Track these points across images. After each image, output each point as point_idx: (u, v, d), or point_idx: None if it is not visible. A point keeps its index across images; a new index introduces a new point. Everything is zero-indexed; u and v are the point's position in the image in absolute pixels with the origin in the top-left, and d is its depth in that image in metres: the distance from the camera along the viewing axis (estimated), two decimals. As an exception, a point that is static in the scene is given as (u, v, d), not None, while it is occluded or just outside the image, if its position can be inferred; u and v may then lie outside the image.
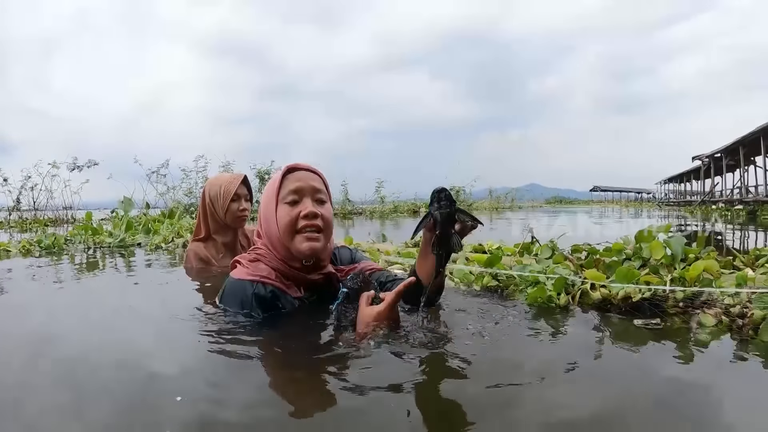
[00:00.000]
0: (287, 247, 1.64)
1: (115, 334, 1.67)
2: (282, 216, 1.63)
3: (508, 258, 2.37)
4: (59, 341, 1.60)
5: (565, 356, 1.30)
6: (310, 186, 1.67)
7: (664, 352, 1.33)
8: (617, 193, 58.35)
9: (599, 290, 1.78)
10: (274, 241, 1.66)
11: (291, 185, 1.65)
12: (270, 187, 1.70)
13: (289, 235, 1.62)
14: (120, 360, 1.37)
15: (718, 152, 25.04)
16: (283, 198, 1.65)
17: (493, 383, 1.12)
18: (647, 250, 2.12)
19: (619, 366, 1.24)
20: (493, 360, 1.28)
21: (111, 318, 1.91)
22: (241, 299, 1.61)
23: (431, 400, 1.05)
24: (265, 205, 1.70)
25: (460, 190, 19.43)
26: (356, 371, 1.18)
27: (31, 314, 1.97)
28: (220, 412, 1.00)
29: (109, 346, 1.53)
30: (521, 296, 1.91)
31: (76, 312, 2.03)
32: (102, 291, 2.47)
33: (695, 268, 1.77)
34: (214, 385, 1.15)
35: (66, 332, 1.73)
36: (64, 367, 1.33)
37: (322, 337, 1.46)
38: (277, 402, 1.08)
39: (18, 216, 12.55)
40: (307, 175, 1.70)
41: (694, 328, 1.51)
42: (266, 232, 1.69)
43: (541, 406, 1.02)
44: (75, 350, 1.50)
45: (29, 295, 2.36)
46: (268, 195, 1.70)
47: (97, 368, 1.31)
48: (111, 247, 4.69)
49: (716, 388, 1.10)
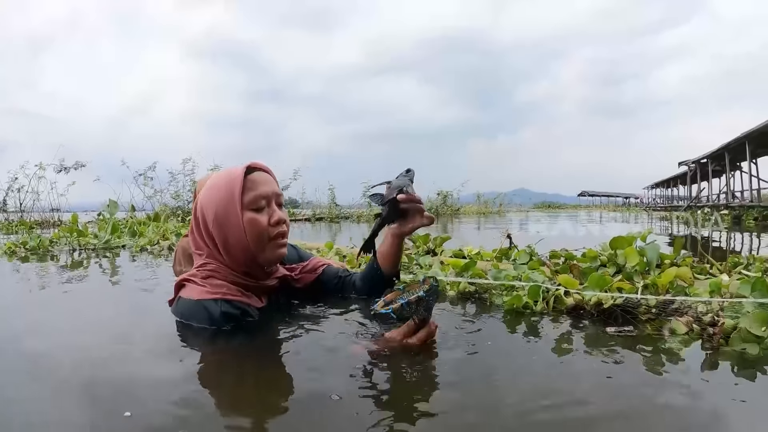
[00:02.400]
0: (254, 256, 1.54)
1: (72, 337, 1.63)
2: (252, 224, 1.51)
3: (486, 263, 2.36)
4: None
5: (531, 362, 1.30)
6: (274, 190, 1.58)
7: (635, 359, 1.32)
8: (605, 198, 58.69)
9: (572, 296, 1.77)
10: (235, 251, 1.54)
11: (257, 189, 1.54)
12: (225, 190, 1.53)
13: (260, 244, 1.53)
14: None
15: (704, 158, 25.24)
16: (249, 204, 1.52)
17: (456, 388, 1.12)
18: (622, 257, 2.12)
19: (586, 373, 1.23)
20: (461, 365, 1.27)
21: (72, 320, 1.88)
22: (209, 321, 1.48)
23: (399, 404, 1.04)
24: (222, 213, 1.52)
25: (448, 195, 19.46)
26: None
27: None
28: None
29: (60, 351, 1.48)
30: (498, 300, 1.91)
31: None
32: (73, 292, 2.43)
33: (667, 275, 1.77)
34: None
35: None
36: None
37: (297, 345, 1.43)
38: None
39: (4, 218, 12.44)
40: (268, 177, 1.61)
41: (666, 336, 1.50)
42: (222, 242, 1.54)
43: (504, 411, 1.01)
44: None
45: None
46: (224, 200, 1.52)
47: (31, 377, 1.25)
48: (96, 249, 4.70)
49: (685, 397, 1.09)
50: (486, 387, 1.15)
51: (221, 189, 1.53)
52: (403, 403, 1.05)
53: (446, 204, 19.14)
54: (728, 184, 22.95)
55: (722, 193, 24.89)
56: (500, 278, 1.99)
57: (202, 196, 1.57)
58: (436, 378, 1.19)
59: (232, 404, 1.08)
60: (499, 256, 2.56)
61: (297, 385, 1.16)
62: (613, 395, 1.10)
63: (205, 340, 1.45)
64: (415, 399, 1.07)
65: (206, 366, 1.28)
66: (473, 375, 1.22)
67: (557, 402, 1.06)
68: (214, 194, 1.54)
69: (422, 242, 3.27)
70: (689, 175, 29.69)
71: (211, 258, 1.57)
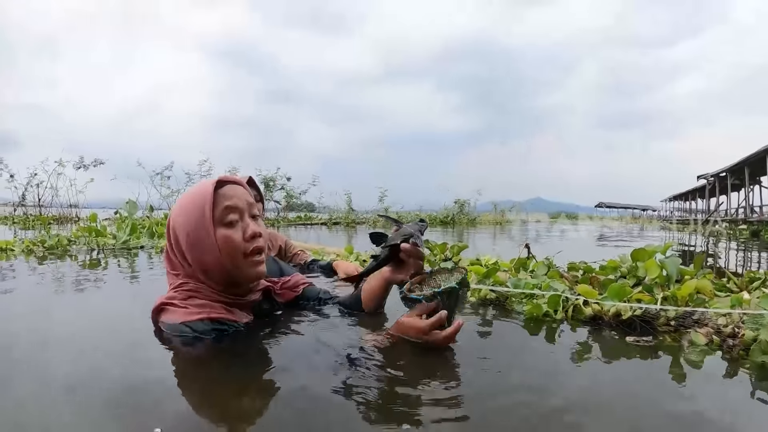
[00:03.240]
0: (231, 274, 1.48)
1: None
2: (225, 241, 1.44)
3: (504, 273, 2.38)
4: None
5: (550, 370, 1.32)
6: (246, 202, 1.51)
7: (654, 368, 1.34)
8: (622, 210, 58.04)
9: (591, 306, 1.79)
10: (213, 271, 1.47)
11: (226, 203, 1.46)
12: (195, 208, 1.46)
13: (236, 261, 1.46)
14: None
15: (723, 171, 24.97)
16: (220, 219, 1.46)
17: (480, 393, 1.14)
18: (643, 269, 2.13)
19: (603, 380, 1.25)
20: (482, 371, 1.29)
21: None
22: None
23: (422, 407, 1.06)
24: (193, 229, 1.45)
25: (465, 203, 19.41)
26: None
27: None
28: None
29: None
30: (518, 307, 1.94)
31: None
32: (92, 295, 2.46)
33: (687, 287, 1.79)
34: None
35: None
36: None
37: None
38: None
39: (23, 212, 12.65)
40: (240, 189, 1.53)
41: (685, 347, 1.52)
42: (197, 260, 1.47)
43: (527, 419, 1.03)
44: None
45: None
46: (194, 216, 1.45)
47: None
48: (114, 249, 4.71)
49: (706, 407, 1.11)
50: (503, 393, 1.16)
51: (192, 208, 1.46)
52: (413, 409, 1.06)
53: (463, 213, 19.09)
54: (747, 198, 22.68)
55: (741, 207, 24.58)
56: (520, 286, 2.02)
57: (174, 216, 1.51)
58: (452, 382, 1.20)
59: (226, 414, 1.09)
60: (517, 267, 2.58)
61: (301, 393, 1.15)
62: (633, 405, 1.12)
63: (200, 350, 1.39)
64: (429, 404, 1.08)
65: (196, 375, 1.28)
66: (490, 381, 1.23)
67: (575, 409, 1.07)
68: (184, 214, 1.48)
69: (440, 250, 3.30)
70: (708, 188, 29.38)
71: (188, 278, 1.51)
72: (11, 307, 2.10)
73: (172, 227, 1.51)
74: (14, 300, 2.22)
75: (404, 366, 1.28)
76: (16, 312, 2.01)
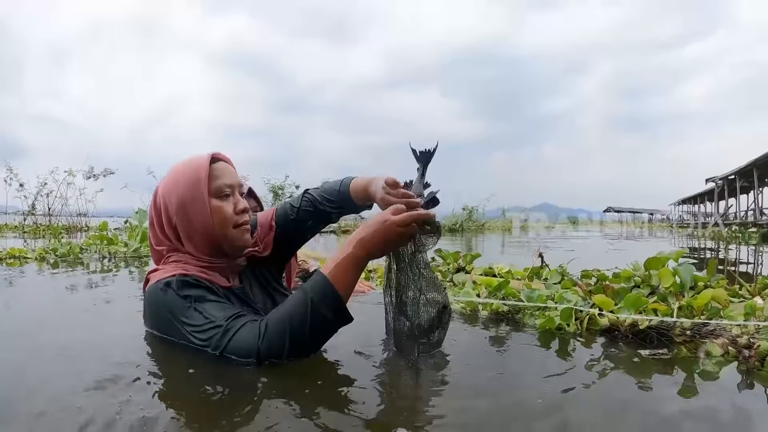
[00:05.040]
0: (219, 244, 1.52)
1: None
2: (218, 211, 1.49)
3: (518, 282, 2.38)
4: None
5: (567, 384, 1.30)
6: (237, 180, 1.57)
7: (671, 381, 1.34)
8: (630, 214, 57.83)
9: (607, 317, 1.79)
10: (199, 239, 1.51)
11: (223, 179, 1.52)
12: (190, 176, 1.50)
13: (224, 230, 1.50)
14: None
15: (731, 174, 24.87)
16: (216, 192, 1.50)
17: (493, 407, 1.14)
18: (656, 278, 2.13)
19: (622, 395, 1.24)
20: (495, 386, 1.30)
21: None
22: (164, 302, 1.41)
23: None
24: (188, 198, 1.48)
25: (474, 210, 19.41)
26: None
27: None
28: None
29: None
30: (530, 321, 1.93)
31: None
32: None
33: (703, 297, 1.78)
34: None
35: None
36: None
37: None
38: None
39: (33, 221, 12.76)
40: (231, 168, 1.58)
41: (701, 358, 1.51)
42: (186, 229, 1.51)
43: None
44: None
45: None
46: (189, 186, 1.49)
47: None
48: (126, 257, 4.80)
49: (723, 421, 1.11)
50: (516, 408, 1.15)
51: (185, 175, 1.50)
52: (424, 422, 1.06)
53: (471, 219, 19.09)
54: (756, 200, 22.57)
55: (750, 209, 24.46)
56: (533, 298, 2.01)
57: (164, 185, 1.54)
58: (458, 397, 1.20)
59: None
60: (530, 275, 2.58)
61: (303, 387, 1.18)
62: (652, 423, 1.11)
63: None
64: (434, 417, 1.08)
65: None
66: (502, 400, 1.21)
67: (591, 425, 1.08)
68: (177, 181, 1.51)
69: (453, 259, 3.29)
70: (716, 191, 29.26)
71: (172, 251, 1.54)
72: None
73: (160, 195, 1.53)
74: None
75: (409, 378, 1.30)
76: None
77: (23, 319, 2.12)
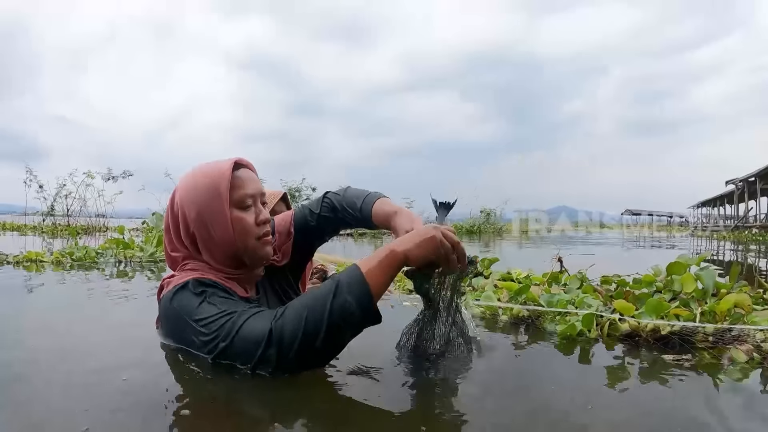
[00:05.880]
0: (238, 254, 1.45)
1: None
2: (239, 223, 1.43)
3: (537, 287, 2.38)
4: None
5: (592, 391, 1.30)
6: (259, 189, 1.49)
7: (696, 387, 1.32)
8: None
9: (628, 322, 1.78)
10: (218, 251, 1.45)
11: (245, 188, 1.45)
12: (210, 187, 1.42)
13: (245, 242, 1.44)
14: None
15: (752, 176, 24.52)
16: (237, 202, 1.43)
17: (520, 414, 1.13)
18: (678, 283, 2.11)
19: (650, 401, 1.24)
20: (521, 391, 1.29)
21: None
22: (202, 289, 1.34)
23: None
24: (207, 211, 1.41)
25: (491, 213, 19.34)
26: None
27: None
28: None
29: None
30: (550, 326, 1.92)
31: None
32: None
33: (726, 302, 1.77)
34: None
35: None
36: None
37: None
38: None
39: (51, 222, 12.95)
40: (253, 175, 1.52)
41: (725, 365, 1.50)
42: (205, 241, 1.44)
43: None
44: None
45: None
46: (208, 197, 1.42)
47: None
48: (141, 262, 4.84)
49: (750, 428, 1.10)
50: (540, 417, 1.14)
51: (205, 186, 1.42)
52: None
53: (489, 222, 19.03)
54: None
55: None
56: (553, 303, 2.00)
57: (182, 193, 1.46)
58: (478, 406, 1.20)
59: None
60: (549, 281, 2.57)
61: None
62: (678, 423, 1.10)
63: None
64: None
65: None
66: (524, 405, 1.21)
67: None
68: (196, 189, 1.43)
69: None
70: (737, 193, 28.86)
71: (188, 259, 1.48)
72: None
73: (179, 202, 1.46)
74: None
75: (431, 387, 1.30)
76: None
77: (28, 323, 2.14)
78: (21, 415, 1.08)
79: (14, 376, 1.33)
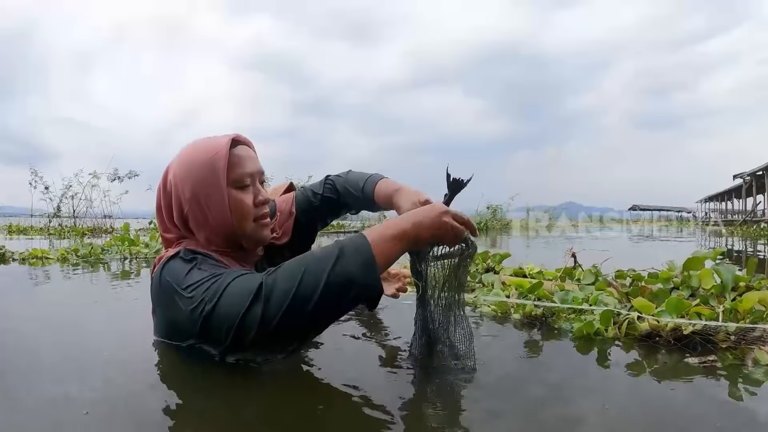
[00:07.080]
0: (235, 236, 1.40)
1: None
2: (237, 204, 1.36)
3: (550, 283, 2.31)
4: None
5: (618, 393, 1.25)
6: (258, 168, 1.43)
7: (727, 391, 1.25)
8: (656, 212, 56.90)
9: (648, 321, 1.71)
10: (213, 231, 1.38)
11: (243, 167, 1.38)
12: (207, 165, 1.35)
13: (242, 224, 1.38)
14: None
15: (759, 170, 24.37)
16: (235, 182, 1.37)
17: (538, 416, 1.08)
18: (696, 279, 2.05)
19: (680, 407, 1.17)
20: (541, 393, 1.23)
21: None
22: (192, 256, 1.30)
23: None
24: (203, 191, 1.34)
25: (498, 208, 19.28)
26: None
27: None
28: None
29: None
30: (565, 324, 1.85)
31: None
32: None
33: (748, 300, 1.70)
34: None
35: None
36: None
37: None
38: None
39: (58, 223, 12.99)
40: (252, 153, 1.45)
41: (749, 366, 1.44)
42: (198, 221, 1.38)
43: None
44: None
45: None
46: (203, 173, 1.34)
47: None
48: (147, 258, 4.86)
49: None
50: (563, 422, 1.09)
51: (202, 162, 1.35)
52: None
53: (495, 218, 18.96)
54: (787, 197, 22.07)
55: (781, 206, 23.94)
56: (567, 301, 1.94)
57: (176, 169, 1.39)
58: (486, 407, 1.15)
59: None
60: (563, 276, 2.50)
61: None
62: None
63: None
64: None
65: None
66: (546, 414, 1.15)
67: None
68: (191, 168, 1.36)
69: (481, 260, 3.22)
70: (744, 187, 28.70)
71: (182, 239, 1.43)
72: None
73: (172, 181, 1.39)
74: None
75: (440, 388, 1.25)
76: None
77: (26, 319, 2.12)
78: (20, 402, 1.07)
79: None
